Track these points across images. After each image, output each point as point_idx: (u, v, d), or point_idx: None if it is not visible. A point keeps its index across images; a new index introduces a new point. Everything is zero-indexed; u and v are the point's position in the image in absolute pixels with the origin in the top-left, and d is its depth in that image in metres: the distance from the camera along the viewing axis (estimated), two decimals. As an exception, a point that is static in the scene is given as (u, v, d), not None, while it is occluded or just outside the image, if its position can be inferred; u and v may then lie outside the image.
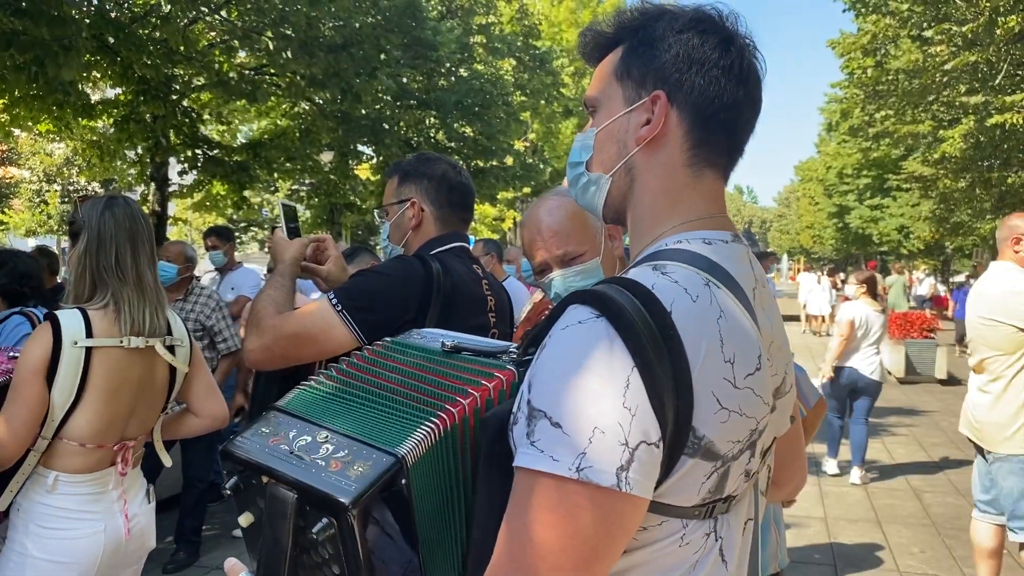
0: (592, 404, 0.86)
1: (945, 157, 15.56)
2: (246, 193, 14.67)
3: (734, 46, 1.08)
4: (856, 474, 6.89)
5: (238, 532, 4.84)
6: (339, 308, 1.81)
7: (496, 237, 19.94)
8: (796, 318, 23.10)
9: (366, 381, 1.18)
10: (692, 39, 1.07)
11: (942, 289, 26.67)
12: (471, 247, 2.29)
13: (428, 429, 1.04)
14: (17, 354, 2.36)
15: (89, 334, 2.25)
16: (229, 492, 1.15)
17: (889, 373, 12.76)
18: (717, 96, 1.06)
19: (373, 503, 1.00)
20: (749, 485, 1.03)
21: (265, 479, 1.08)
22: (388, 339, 1.30)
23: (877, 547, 5.38)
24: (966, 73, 12.82)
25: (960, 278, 25.44)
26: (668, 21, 1.09)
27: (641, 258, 1.06)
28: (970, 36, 11.70)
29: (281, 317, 1.84)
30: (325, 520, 0.99)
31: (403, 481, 1.01)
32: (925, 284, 25.79)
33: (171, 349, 2.45)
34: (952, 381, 11.86)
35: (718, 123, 1.08)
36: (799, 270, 64.75)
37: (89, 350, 2.24)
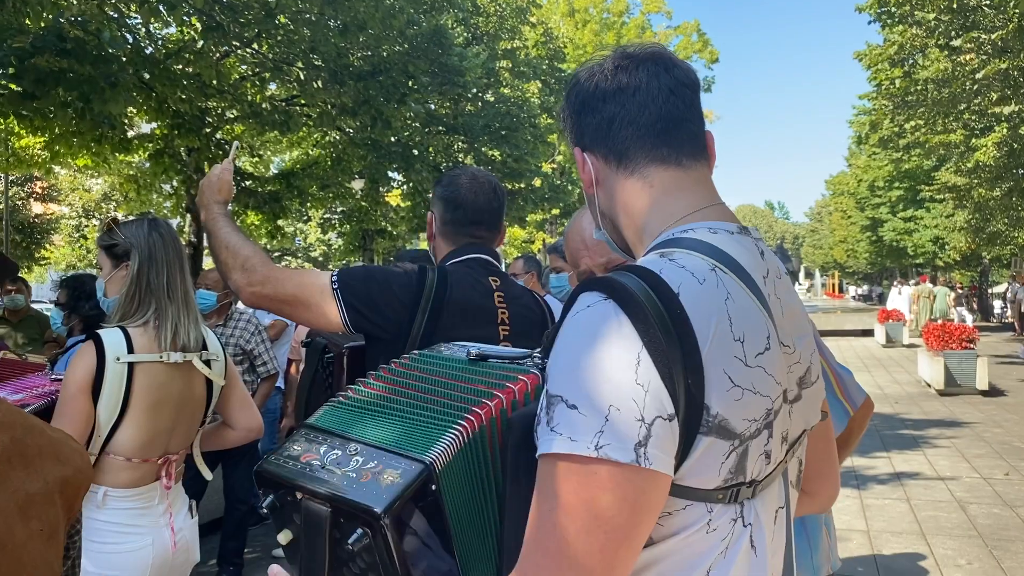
0: (605, 382, 0.88)
1: (979, 166, 15.37)
2: (280, 222, 14.94)
3: (641, 67, 1.15)
4: None
5: (279, 551, 4.89)
6: (336, 286, 1.91)
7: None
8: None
9: (394, 392, 1.21)
10: (599, 81, 1.16)
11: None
12: (512, 263, 2.35)
13: (455, 434, 1.06)
14: (59, 376, 2.43)
15: (130, 350, 2.32)
16: (266, 512, 1.18)
17: (928, 385, 12.54)
18: (639, 113, 1.13)
19: (408, 512, 1.01)
20: (776, 472, 1.04)
21: (299, 495, 1.11)
22: (415, 352, 1.33)
23: (922, 559, 5.29)
24: (997, 80, 12.68)
25: (1000, 288, 24.74)
26: (573, 84, 1.22)
27: (649, 249, 1.09)
28: (1000, 43, 11.59)
29: (281, 272, 1.95)
30: (359, 531, 1.01)
31: (432, 487, 1.02)
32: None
33: (207, 363, 2.52)
34: (994, 392, 11.60)
35: (656, 133, 1.13)
36: (834, 285, 64.11)
37: (132, 366, 2.31)
